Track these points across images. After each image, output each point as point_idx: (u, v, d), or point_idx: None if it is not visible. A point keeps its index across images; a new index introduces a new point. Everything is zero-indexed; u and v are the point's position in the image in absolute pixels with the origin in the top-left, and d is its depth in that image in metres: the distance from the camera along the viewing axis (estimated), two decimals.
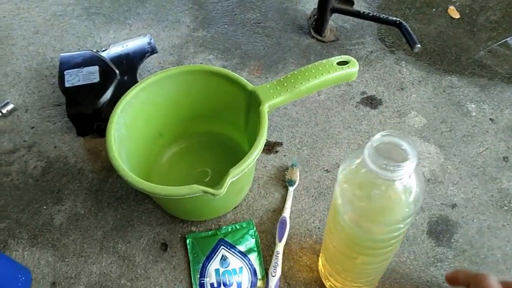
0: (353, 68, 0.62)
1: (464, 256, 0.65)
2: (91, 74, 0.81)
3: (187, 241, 0.67)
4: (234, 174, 0.55)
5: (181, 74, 0.68)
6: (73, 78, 0.81)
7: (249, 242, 0.67)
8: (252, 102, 0.64)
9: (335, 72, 0.62)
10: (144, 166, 0.68)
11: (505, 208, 0.70)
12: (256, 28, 0.99)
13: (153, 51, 0.87)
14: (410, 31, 0.87)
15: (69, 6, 1.05)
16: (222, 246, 0.66)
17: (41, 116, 0.85)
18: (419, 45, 0.84)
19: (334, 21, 0.98)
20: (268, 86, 0.63)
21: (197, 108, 0.73)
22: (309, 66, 0.63)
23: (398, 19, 0.88)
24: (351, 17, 0.97)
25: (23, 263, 0.67)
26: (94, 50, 0.86)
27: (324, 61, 0.63)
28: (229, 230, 0.68)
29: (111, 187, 0.75)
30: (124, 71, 0.83)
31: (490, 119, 0.82)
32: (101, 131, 0.80)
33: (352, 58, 0.63)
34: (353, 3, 0.93)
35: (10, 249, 0.68)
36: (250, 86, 0.65)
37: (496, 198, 0.72)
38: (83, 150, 0.80)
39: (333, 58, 0.63)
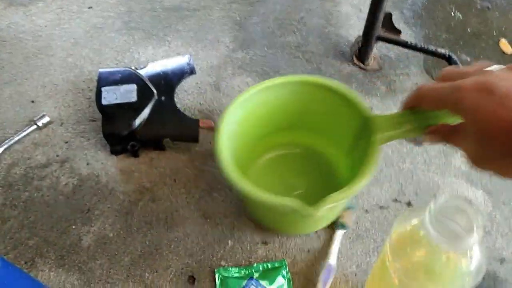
0: None
1: None
2: (129, 93, 0.80)
3: (216, 276, 0.65)
4: (333, 200, 0.53)
5: (299, 83, 0.68)
6: (111, 96, 0.80)
7: (281, 284, 0.64)
8: (366, 129, 0.61)
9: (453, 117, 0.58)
10: (241, 165, 0.67)
11: None
12: (296, 52, 0.97)
13: (191, 71, 0.86)
14: (460, 65, 0.83)
15: (110, 19, 1.05)
16: (252, 286, 0.63)
17: (76, 131, 0.84)
18: None
19: (378, 49, 0.94)
20: (387, 116, 0.58)
21: (305, 119, 0.72)
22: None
23: (447, 52, 0.85)
24: (395, 46, 0.93)
25: (48, 285, 0.65)
26: (133, 68, 0.85)
27: None
28: (260, 268, 0.65)
29: (141, 211, 0.73)
30: (162, 91, 0.82)
31: None
32: (134, 151, 0.78)
33: None
34: (400, 32, 0.89)
35: (37, 268, 0.67)
36: (368, 112, 0.61)
37: None
38: (115, 169, 0.79)
39: None
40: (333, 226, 0.69)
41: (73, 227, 0.72)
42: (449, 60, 0.84)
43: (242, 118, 0.66)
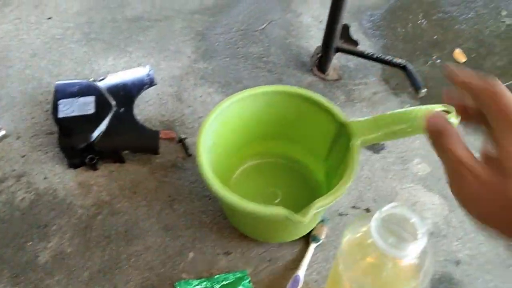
0: (453, 119, 0.60)
1: None
2: (86, 105, 0.79)
3: None
4: (319, 206, 0.54)
5: (274, 93, 0.69)
6: (68, 108, 0.78)
7: None
8: (342, 134, 0.63)
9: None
10: (219, 176, 0.68)
11: None
12: (259, 63, 0.98)
13: (151, 83, 0.85)
14: (415, 75, 0.85)
15: (69, 30, 1.03)
16: None
17: (33, 145, 0.82)
18: (424, 90, 0.83)
19: (338, 59, 0.96)
20: (362, 121, 0.61)
21: (280, 128, 0.73)
22: (408, 110, 0.60)
23: (403, 61, 0.87)
24: (355, 56, 0.96)
25: None
26: (91, 79, 0.84)
27: (423, 107, 0.61)
28: (222, 279, 0.65)
29: (100, 224, 0.72)
30: (121, 102, 0.81)
31: None
32: (93, 164, 0.77)
33: (454, 109, 0.61)
34: (357, 43, 0.91)
35: None
36: (343, 117, 0.64)
37: (502, 256, 0.69)
38: (73, 183, 0.77)
39: (433, 106, 0.60)
40: (306, 238, 0.70)
41: (29, 243, 0.70)
42: (405, 70, 0.87)
43: (218, 131, 0.66)
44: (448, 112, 0.61)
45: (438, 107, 0.62)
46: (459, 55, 1.01)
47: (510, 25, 1.10)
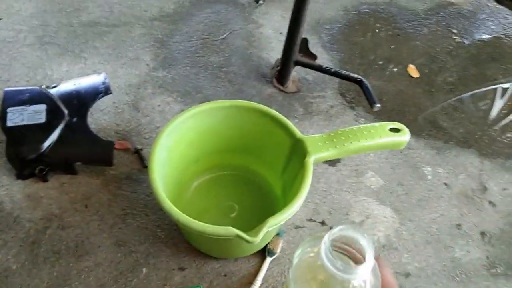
0: (404, 136, 0.62)
1: None
2: (37, 114, 0.76)
3: None
4: (271, 224, 0.54)
5: (231, 108, 0.68)
6: (17, 117, 0.75)
7: None
8: (297, 150, 0.63)
9: (386, 137, 0.61)
10: (175, 189, 0.68)
11: (457, 279, 0.71)
12: (219, 73, 0.97)
13: (107, 91, 0.83)
14: (371, 90, 0.87)
15: (22, 32, 0.99)
16: None
17: None
18: (378, 105, 0.85)
19: (297, 72, 0.97)
20: (316, 138, 0.62)
21: (237, 142, 0.73)
22: (361, 127, 0.62)
23: (359, 76, 0.89)
24: (313, 70, 0.97)
25: None
26: (43, 86, 0.81)
27: (377, 124, 0.62)
28: None
29: (49, 239, 0.69)
30: (74, 111, 0.78)
31: (445, 183, 0.84)
32: (43, 176, 0.74)
33: (405, 128, 0.62)
34: (316, 57, 0.93)
35: None
36: (298, 134, 0.64)
37: (449, 268, 0.72)
38: (21, 195, 0.73)
39: (385, 123, 0.62)
40: (263, 252, 0.70)
41: None
42: (361, 85, 0.89)
43: (173, 145, 0.65)
44: (398, 130, 0.63)
45: (391, 125, 0.64)
46: (413, 71, 1.05)
47: (460, 42, 1.15)
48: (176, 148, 0.67)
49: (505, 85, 1.05)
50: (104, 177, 0.77)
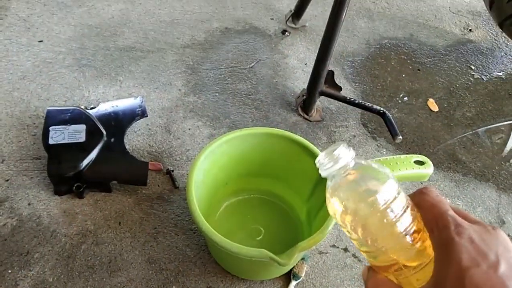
0: (428, 169, 0.64)
1: None
2: (77, 133, 0.80)
3: None
4: (303, 248, 0.56)
5: (264, 135, 0.72)
6: (58, 135, 0.79)
7: None
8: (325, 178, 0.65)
9: (411, 169, 0.63)
10: (205, 210, 0.71)
11: None
12: (246, 100, 1.02)
13: (143, 114, 0.87)
14: (393, 122, 0.91)
15: (60, 54, 1.05)
16: None
17: (18, 169, 0.82)
18: (400, 137, 0.88)
19: (321, 101, 1.01)
20: None
21: (266, 167, 0.77)
22: (388, 158, 0.64)
23: (382, 109, 0.93)
24: (337, 100, 1.01)
25: None
26: (83, 107, 0.85)
27: (402, 156, 0.64)
28: None
29: (84, 254, 0.72)
30: (112, 132, 0.82)
31: None
32: (80, 193, 0.78)
33: (429, 161, 0.65)
34: (341, 89, 0.97)
35: None
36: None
37: None
38: (58, 210, 0.77)
39: (410, 156, 0.65)
40: (287, 275, 0.73)
41: (9, 271, 0.69)
42: (384, 116, 0.92)
43: (207, 168, 0.69)
44: (423, 163, 0.66)
45: (416, 157, 0.67)
46: (432, 105, 1.08)
47: (478, 79, 1.19)
48: (210, 172, 0.70)
49: None
50: (137, 196, 0.81)
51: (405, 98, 1.09)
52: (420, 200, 0.35)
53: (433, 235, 0.33)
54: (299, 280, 0.72)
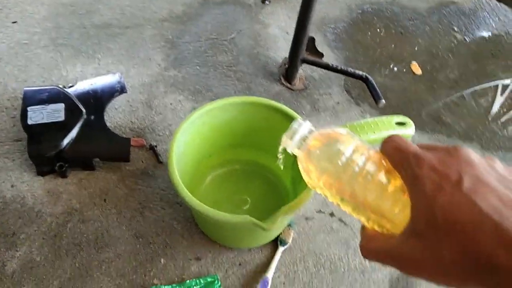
0: (410, 129, 0.63)
1: None
2: (56, 112, 0.79)
3: None
4: (286, 213, 0.57)
5: (244, 104, 0.71)
6: (37, 116, 0.78)
7: None
8: None
9: (392, 130, 0.63)
10: (190, 183, 0.70)
11: None
12: (228, 72, 1.00)
13: (122, 90, 0.86)
14: (376, 86, 0.90)
15: (36, 35, 1.02)
16: None
17: None
18: (383, 101, 0.88)
19: (303, 70, 1.00)
20: None
21: (250, 137, 0.76)
22: (369, 121, 0.64)
23: (364, 74, 0.92)
24: (319, 67, 1.00)
25: None
26: (61, 86, 0.84)
27: (383, 118, 0.64)
28: (193, 284, 0.67)
29: (70, 232, 0.72)
30: (91, 110, 0.81)
31: None
32: (62, 172, 0.77)
33: (410, 121, 0.64)
34: (322, 55, 0.96)
35: None
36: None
37: None
38: (42, 191, 0.77)
39: (391, 117, 0.64)
40: (275, 242, 0.73)
41: None
42: (367, 82, 0.92)
43: (189, 140, 0.68)
44: (404, 123, 0.66)
45: (397, 118, 0.67)
46: (416, 68, 1.08)
47: (461, 40, 1.18)
48: (192, 143, 0.70)
49: (506, 82, 1.08)
50: (121, 173, 0.80)
51: (388, 63, 1.08)
52: (385, 149, 0.35)
53: (401, 177, 0.33)
54: (286, 246, 0.73)
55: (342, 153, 0.38)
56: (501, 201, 0.27)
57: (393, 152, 0.34)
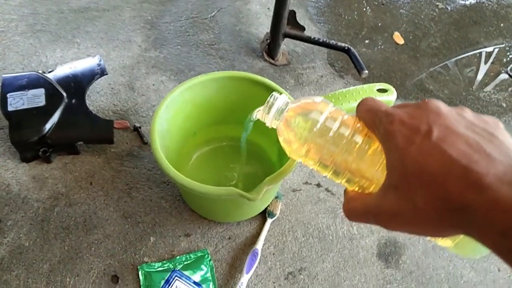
0: (391, 96, 0.63)
1: (411, 277, 0.69)
2: (37, 97, 0.78)
3: (140, 273, 0.66)
4: (270, 183, 0.57)
5: (225, 79, 0.71)
6: (17, 102, 0.77)
7: (204, 272, 0.66)
8: None
9: (374, 97, 0.63)
10: (175, 161, 0.70)
11: None
12: (210, 50, 1.00)
13: (102, 73, 0.85)
14: (358, 57, 0.90)
15: (12, 22, 1.00)
16: (176, 277, 0.65)
17: None
18: (366, 71, 0.88)
19: (286, 45, 1.00)
20: None
21: (232, 113, 0.75)
22: (350, 89, 0.63)
23: (346, 45, 0.92)
24: (301, 41, 1.00)
25: None
26: (40, 71, 0.83)
27: (365, 86, 0.64)
28: (183, 260, 0.67)
29: (58, 216, 0.72)
30: (72, 93, 0.80)
31: None
32: (47, 157, 0.76)
33: (392, 87, 0.64)
34: (304, 29, 0.95)
35: None
36: (291, 98, 0.66)
37: None
38: (27, 177, 0.76)
39: (373, 84, 0.64)
40: (263, 214, 0.74)
41: None
42: (349, 53, 0.92)
43: (171, 117, 0.68)
44: (385, 90, 0.66)
45: (378, 85, 0.67)
46: (398, 38, 1.08)
47: (442, 9, 1.18)
48: (175, 121, 0.69)
49: (489, 49, 1.08)
50: (106, 155, 0.80)
51: (371, 34, 1.08)
52: (358, 111, 0.36)
53: (376, 137, 0.34)
54: (274, 218, 0.73)
55: (317, 120, 0.39)
56: (470, 146, 0.27)
57: (366, 113, 0.35)
